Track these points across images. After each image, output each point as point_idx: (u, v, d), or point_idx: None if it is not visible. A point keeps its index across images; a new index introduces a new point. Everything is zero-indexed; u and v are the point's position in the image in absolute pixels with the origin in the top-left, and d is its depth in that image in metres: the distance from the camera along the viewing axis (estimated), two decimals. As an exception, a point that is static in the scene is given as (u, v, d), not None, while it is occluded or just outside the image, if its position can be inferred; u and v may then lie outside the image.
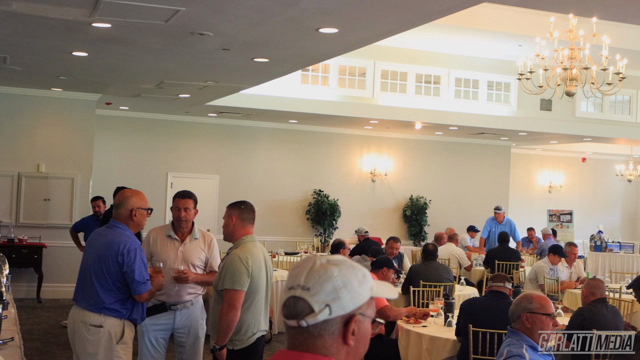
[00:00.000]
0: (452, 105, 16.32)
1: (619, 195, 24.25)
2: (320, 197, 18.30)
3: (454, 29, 14.25)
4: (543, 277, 11.49)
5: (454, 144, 19.84)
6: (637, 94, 17.94)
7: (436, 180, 19.70)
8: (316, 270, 2.06)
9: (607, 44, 10.36)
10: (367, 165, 19.05)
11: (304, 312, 2.05)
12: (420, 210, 19.13)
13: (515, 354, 4.56)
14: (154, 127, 17.30)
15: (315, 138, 18.53)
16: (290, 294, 2.09)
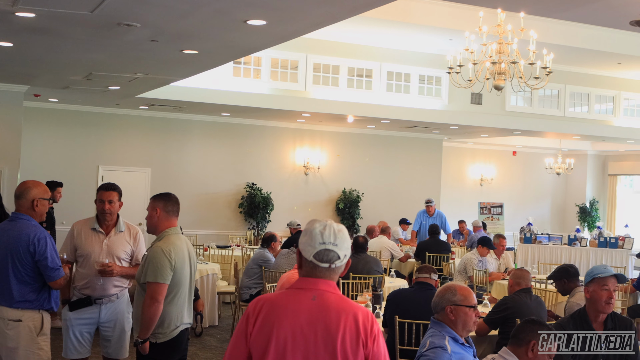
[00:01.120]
0: (384, 99, 16.40)
1: (548, 188, 24.71)
2: (253, 190, 18.24)
3: (385, 22, 14.32)
4: (472, 269, 11.64)
5: (386, 137, 19.96)
6: (565, 89, 18.27)
7: (369, 173, 19.81)
8: (339, 232, 3.25)
9: (534, 39, 10.54)
10: (300, 158, 19.06)
11: (333, 258, 3.20)
12: (353, 203, 19.22)
13: (438, 345, 4.59)
14: (84, 119, 17.04)
15: (248, 131, 18.46)
16: (323, 247, 3.19)
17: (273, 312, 3.16)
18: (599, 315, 5.35)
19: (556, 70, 16.52)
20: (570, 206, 24.58)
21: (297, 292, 3.21)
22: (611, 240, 18.37)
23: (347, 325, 3.13)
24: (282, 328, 3.11)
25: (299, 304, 3.16)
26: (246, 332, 3.18)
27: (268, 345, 3.11)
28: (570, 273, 7.51)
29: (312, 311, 3.14)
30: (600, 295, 5.30)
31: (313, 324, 3.13)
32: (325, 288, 3.19)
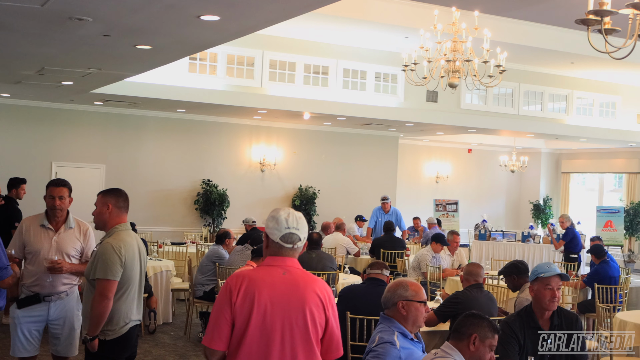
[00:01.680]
0: (340, 96, 16.43)
1: (503, 185, 24.96)
2: (209, 187, 18.18)
3: (342, 20, 14.34)
4: (425, 265, 11.71)
5: (342, 134, 20.00)
6: (519, 87, 18.45)
7: (325, 170, 19.84)
8: (300, 219, 3.99)
9: (488, 38, 10.62)
10: (256, 155, 19.02)
11: (296, 240, 3.94)
12: (309, 200, 19.23)
13: (387, 340, 4.63)
14: (37, 115, 16.83)
15: (204, 127, 18.38)
16: (288, 231, 3.89)
17: (252, 285, 3.83)
18: (545, 312, 5.42)
19: (511, 69, 16.72)
20: (525, 203, 24.85)
21: (269, 268, 3.94)
22: (564, 237, 18.58)
23: (313, 295, 3.91)
24: (262, 297, 3.81)
25: (273, 278, 3.88)
26: (230, 302, 3.81)
27: (251, 311, 3.78)
28: (520, 269, 7.60)
29: (285, 284, 3.87)
30: (544, 294, 5.38)
31: (286, 294, 3.85)
32: (291, 264, 3.96)
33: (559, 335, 5.43)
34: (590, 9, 4.02)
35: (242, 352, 3.80)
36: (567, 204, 24.64)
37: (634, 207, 21.79)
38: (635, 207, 21.77)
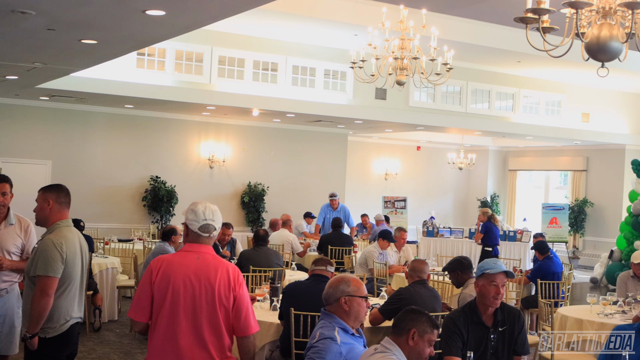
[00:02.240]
0: (290, 93, 16.43)
1: (451, 182, 25.17)
2: (157, 183, 18.05)
3: (292, 17, 14.34)
4: (372, 262, 11.77)
5: (292, 131, 20.00)
6: (466, 85, 18.62)
7: (274, 167, 19.82)
8: (215, 211, 4.57)
9: (435, 36, 10.68)
10: (205, 151, 18.93)
11: (212, 230, 4.51)
12: (258, 196, 19.20)
13: (327, 336, 4.64)
14: (-19, 110, 16.58)
15: (152, 123, 18.23)
16: (205, 222, 4.47)
17: (170, 267, 4.43)
18: (488, 308, 5.48)
19: (458, 67, 16.87)
20: (472, 200, 25.08)
21: (185, 253, 4.51)
22: (510, 234, 18.84)
23: (222, 276, 4.44)
24: (177, 278, 4.40)
25: (188, 261, 4.45)
26: (151, 280, 4.42)
27: (167, 290, 4.38)
28: (464, 265, 7.68)
29: (197, 266, 4.43)
30: (489, 291, 5.44)
31: (198, 275, 4.41)
32: (206, 250, 4.52)
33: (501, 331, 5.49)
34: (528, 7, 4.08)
35: (160, 323, 4.40)
36: (514, 201, 24.94)
37: (578, 204, 22.14)
38: (579, 204, 22.12)
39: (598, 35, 4.08)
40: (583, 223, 22.12)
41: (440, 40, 11.02)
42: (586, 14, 4.22)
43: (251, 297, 7.80)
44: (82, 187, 16.81)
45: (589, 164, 22.65)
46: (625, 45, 4.14)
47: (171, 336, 4.38)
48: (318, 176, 20.33)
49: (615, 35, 4.05)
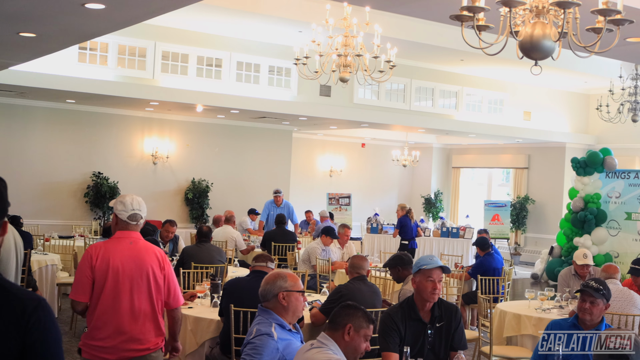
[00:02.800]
0: (234, 89, 16.38)
1: (395, 179, 25.31)
2: (99, 179, 17.84)
3: (236, 12, 14.30)
4: (315, 258, 11.78)
5: (236, 127, 19.93)
6: (410, 83, 18.75)
7: (219, 163, 19.73)
8: (141, 202, 5.14)
9: (379, 33, 10.71)
10: (148, 147, 18.77)
11: (139, 218, 5.14)
12: (202, 193, 19.10)
13: (264, 332, 4.64)
14: None
15: (94, 119, 18.01)
16: (132, 212, 5.09)
17: (107, 252, 5.05)
18: (426, 303, 5.51)
19: (402, 65, 16.97)
20: (416, 197, 25.26)
21: (119, 239, 5.13)
22: (453, 230, 19.03)
23: (153, 258, 5.17)
24: (115, 261, 5.02)
25: (123, 247, 5.10)
26: (91, 264, 4.98)
27: (107, 272, 4.98)
28: (405, 261, 7.73)
29: (132, 251, 5.10)
30: (425, 286, 5.46)
31: (133, 258, 5.08)
32: (136, 236, 5.18)
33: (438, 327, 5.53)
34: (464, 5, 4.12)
35: (101, 302, 4.99)
36: (457, 198, 25.18)
37: (520, 201, 22.44)
38: (521, 201, 22.42)
39: (531, 34, 4.13)
40: (524, 220, 22.43)
41: (383, 37, 11.05)
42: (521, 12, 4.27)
43: (191, 293, 7.77)
44: (22, 183, 16.56)
45: (530, 162, 22.97)
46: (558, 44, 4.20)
47: (112, 312, 4.98)
48: (262, 173, 20.29)
49: (548, 34, 4.11)
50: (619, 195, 17.20)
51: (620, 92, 17.24)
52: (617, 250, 16.97)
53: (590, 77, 19.87)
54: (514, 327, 8.06)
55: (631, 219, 16.94)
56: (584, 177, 17.42)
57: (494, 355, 7.79)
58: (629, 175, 17.09)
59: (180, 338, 7.05)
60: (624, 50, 9.28)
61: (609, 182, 17.36)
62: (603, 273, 8.31)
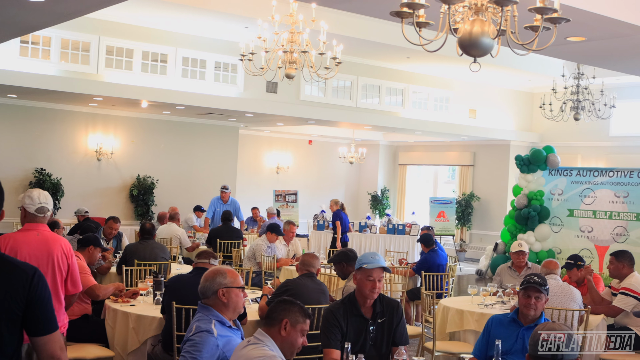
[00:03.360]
0: (180, 85, 16.26)
1: (342, 176, 25.38)
2: (42, 176, 17.56)
3: (182, 7, 14.19)
4: (260, 255, 11.75)
5: (182, 123, 19.79)
6: (357, 80, 18.79)
7: (164, 159, 19.57)
8: (48, 196, 5.51)
9: (325, 30, 10.70)
10: (92, 143, 18.53)
11: (46, 211, 5.49)
12: (147, 189, 18.93)
13: (204, 329, 4.61)
14: None
15: (37, 114, 17.72)
16: (40, 205, 5.43)
17: (16, 243, 5.43)
18: (367, 300, 5.53)
19: (349, 62, 17.01)
20: (363, 194, 25.36)
21: (27, 231, 5.52)
22: (399, 227, 19.13)
23: (58, 248, 5.60)
24: (23, 251, 5.39)
25: (30, 238, 5.49)
26: None
27: None
28: (350, 257, 7.74)
29: (38, 242, 5.51)
30: (366, 285, 5.49)
31: (40, 249, 5.50)
32: (42, 228, 5.56)
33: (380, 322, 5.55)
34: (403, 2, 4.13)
35: None
36: (403, 195, 25.33)
37: (465, 198, 22.65)
38: (467, 198, 22.64)
39: (470, 31, 4.15)
40: (470, 217, 22.65)
41: (329, 34, 11.06)
42: (460, 10, 4.30)
43: (134, 291, 7.69)
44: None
45: (475, 159, 23.21)
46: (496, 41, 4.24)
47: None
48: (209, 169, 20.19)
49: (487, 31, 4.14)
50: (562, 193, 17.44)
51: (563, 91, 17.49)
52: (559, 246, 17.20)
53: (534, 76, 20.14)
54: (456, 323, 8.13)
55: (573, 216, 17.19)
56: (528, 174, 17.63)
57: (436, 350, 7.85)
58: (572, 172, 17.33)
59: (122, 336, 7.02)
60: (565, 49, 9.40)
61: (552, 180, 17.59)
62: (543, 269, 8.44)
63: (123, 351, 7.01)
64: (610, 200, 16.58)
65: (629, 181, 16.26)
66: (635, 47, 9.53)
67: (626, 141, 20.23)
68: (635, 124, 20.27)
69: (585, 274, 8.94)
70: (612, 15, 7.76)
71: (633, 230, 16.12)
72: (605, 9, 7.64)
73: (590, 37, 8.84)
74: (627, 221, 16.22)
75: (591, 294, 8.69)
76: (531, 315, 5.80)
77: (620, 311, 8.25)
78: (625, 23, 8.05)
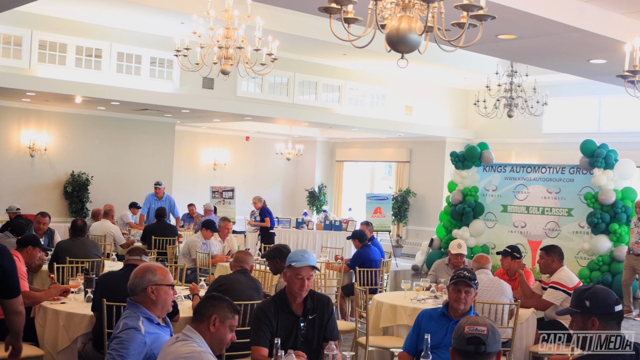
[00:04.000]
0: (115, 80, 16.06)
1: (279, 172, 25.37)
2: (-28, 172, 17.24)
3: (117, 2, 14.07)
4: (195, 252, 11.70)
5: (117, 119, 19.57)
6: (294, 77, 18.80)
7: (99, 156, 19.33)
8: None
9: (260, 26, 10.69)
10: (25, 139, 18.20)
11: None
12: (82, 186, 18.67)
13: (131, 326, 4.58)
14: None
15: (-33, 109, 17.39)
16: None
17: None
18: (296, 298, 5.54)
19: (286, 58, 17.01)
20: (300, 191, 25.38)
21: None
22: (336, 223, 19.21)
23: None
24: None
25: None
26: None
27: None
28: (283, 253, 7.74)
29: None
30: (295, 282, 5.50)
31: None
32: None
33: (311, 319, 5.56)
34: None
35: None
36: (340, 191, 25.41)
37: (402, 194, 22.82)
38: (403, 194, 22.81)
39: (397, 28, 4.19)
40: (406, 212, 22.83)
41: (265, 30, 11.04)
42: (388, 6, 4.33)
43: (64, 288, 7.58)
44: None
45: (412, 156, 23.39)
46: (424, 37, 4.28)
47: None
48: (145, 166, 20.00)
49: (414, 27, 4.18)
50: (496, 189, 17.71)
51: (497, 89, 17.73)
52: (493, 241, 17.47)
53: (469, 73, 20.38)
54: (390, 318, 8.19)
55: (507, 212, 17.47)
56: (463, 170, 17.87)
57: (370, 345, 7.90)
58: (505, 169, 17.62)
59: (53, 334, 6.92)
60: (497, 47, 9.54)
61: (486, 176, 17.86)
62: (475, 263, 8.57)
63: (53, 350, 6.91)
64: (542, 196, 16.90)
65: (560, 177, 16.60)
66: (563, 45, 9.72)
67: (558, 138, 20.60)
68: (567, 121, 20.67)
69: (517, 267, 9.11)
70: (541, 14, 7.91)
71: (565, 226, 16.46)
72: (535, 8, 7.78)
73: (521, 35, 8.98)
74: (559, 216, 16.55)
75: (522, 288, 8.85)
76: (461, 310, 5.88)
77: (549, 305, 8.41)
78: (554, 21, 8.20)
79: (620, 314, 4.05)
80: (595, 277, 15.21)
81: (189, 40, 11.08)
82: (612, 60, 10.10)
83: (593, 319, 4.01)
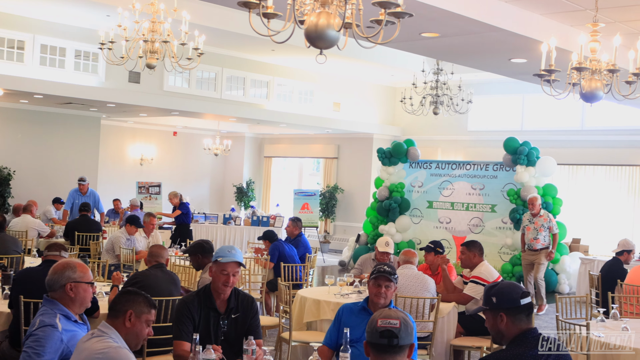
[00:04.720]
0: (38, 73, 15.77)
1: (207, 168, 25.25)
2: None
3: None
4: (119, 247, 11.57)
5: (40, 113, 19.22)
6: (222, 72, 18.72)
7: (22, 150, 18.96)
8: None
9: (187, 20, 10.61)
10: (-56, 132, 17.78)
11: None
12: (3, 181, 18.30)
13: (48, 323, 4.51)
14: None
15: None
16: None
17: None
18: (220, 294, 5.52)
19: (214, 53, 16.92)
20: (229, 186, 25.28)
21: None
22: (263, 219, 19.20)
23: None
24: None
25: None
26: None
27: None
28: (205, 249, 7.73)
29: None
30: (219, 278, 5.47)
31: None
32: None
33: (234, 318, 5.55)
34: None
35: None
36: (269, 187, 25.39)
37: (330, 190, 22.91)
38: (331, 190, 22.90)
39: (316, 23, 4.22)
40: (334, 208, 22.93)
41: (192, 25, 10.99)
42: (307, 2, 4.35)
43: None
44: None
45: (340, 152, 23.50)
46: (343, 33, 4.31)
47: None
48: (69, 160, 19.69)
49: (332, 24, 4.21)
50: (422, 185, 17.91)
51: (423, 86, 17.93)
52: (419, 237, 17.66)
53: (396, 71, 20.56)
54: (313, 313, 8.22)
55: (432, 208, 17.68)
56: (389, 167, 18.02)
57: (293, 340, 7.93)
58: (431, 165, 17.82)
59: (-33, 332, 6.77)
60: (420, 44, 9.64)
61: (413, 172, 18.04)
62: (402, 256, 8.67)
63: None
64: (467, 193, 17.14)
65: (484, 174, 16.86)
66: (485, 44, 9.89)
67: (483, 135, 20.93)
68: (491, 119, 21.02)
69: (440, 262, 9.26)
70: (463, 13, 8.02)
71: (488, 221, 16.72)
72: (457, 7, 7.89)
73: (444, 34, 9.10)
74: (482, 212, 16.81)
75: (445, 282, 8.98)
76: (381, 304, 5.93)
77: (470, 299, 8.55)
78: (476, 20, 8.33)
79: (528, 306, 4.13)
80: (517, 272, 15.49)
81: (114, 33, 10.94)
82: (532, 59, 10.29)
83: (501, 314, 4.09)
